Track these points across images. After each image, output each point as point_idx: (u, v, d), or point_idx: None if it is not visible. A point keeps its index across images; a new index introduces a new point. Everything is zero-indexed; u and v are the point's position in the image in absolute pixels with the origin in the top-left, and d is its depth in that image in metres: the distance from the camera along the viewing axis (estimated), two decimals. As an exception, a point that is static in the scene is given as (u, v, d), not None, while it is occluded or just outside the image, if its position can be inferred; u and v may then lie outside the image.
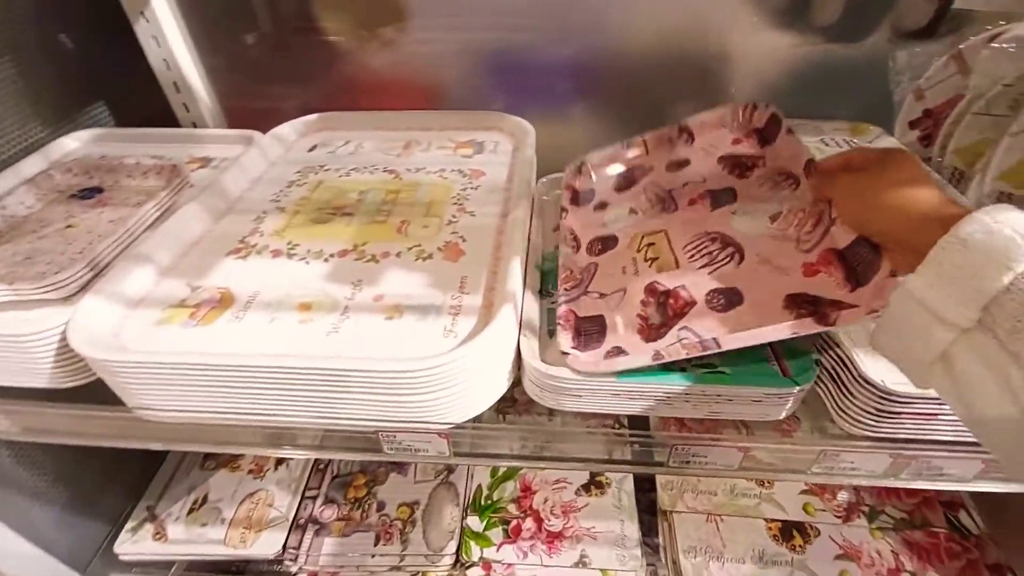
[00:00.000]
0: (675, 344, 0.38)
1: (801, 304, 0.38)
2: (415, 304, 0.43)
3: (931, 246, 0.29)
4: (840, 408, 0.41)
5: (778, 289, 0.39)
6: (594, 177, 0.59)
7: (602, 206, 0.56)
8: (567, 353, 0.40)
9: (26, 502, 0.67)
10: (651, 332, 0.41)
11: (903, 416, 0.39)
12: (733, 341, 0.37)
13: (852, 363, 0.40)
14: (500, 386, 0.42)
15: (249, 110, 0.76)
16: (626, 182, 0.58)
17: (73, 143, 0.68)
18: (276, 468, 0.80)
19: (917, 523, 0.74)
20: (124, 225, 0.49)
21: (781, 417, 0.41)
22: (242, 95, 0.75)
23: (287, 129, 0.68)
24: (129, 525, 0.74)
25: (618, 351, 0.40)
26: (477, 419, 0.40)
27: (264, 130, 0.68)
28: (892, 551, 0.71)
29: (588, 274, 0.48)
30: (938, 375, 0.30)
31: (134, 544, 0.73)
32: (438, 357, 0.36)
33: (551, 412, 0.46)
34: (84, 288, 0.45)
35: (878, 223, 0.35)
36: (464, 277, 0.46)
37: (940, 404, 0.38)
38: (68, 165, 0.59)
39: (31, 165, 0.63)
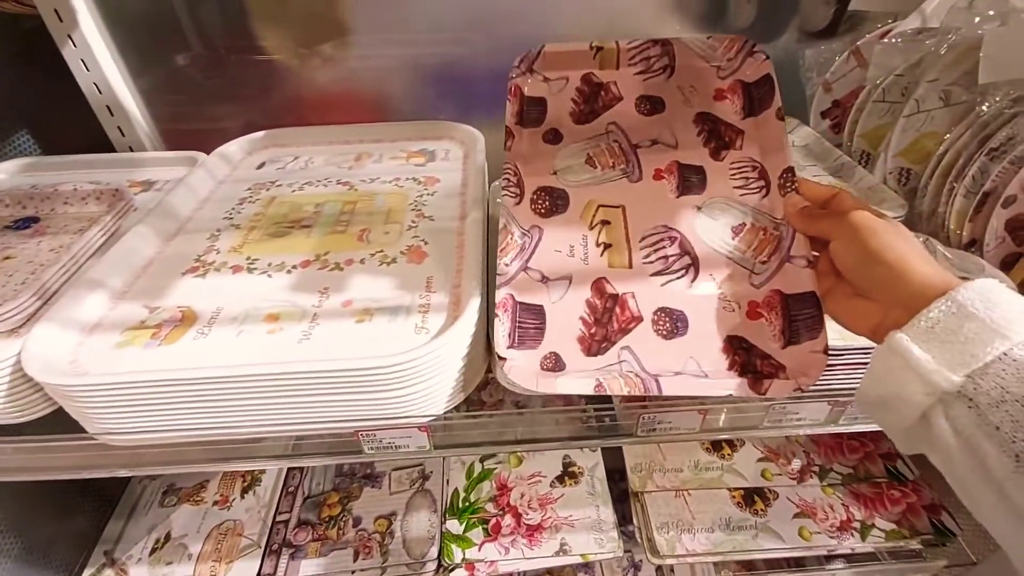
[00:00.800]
0: (617, 378, 0.37)
1: (737, 349, 0.39)
2: (384, 306, 0.44)
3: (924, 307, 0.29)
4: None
5: (721, 326, 0.40)
6: (550, 81, 0.50)
7: (555, 136, 0.49)
8: (503, 358, 0.38)
9: (-33, 561, 0.62)
10: (592, 344, 0.40)
11: (836, 367, 0.43)
12: (673, 389, 0.36)
13: (790, 325, 0.44)
14: (475, 377, 0.43)
15: (188, 131, 0.75)
16: (588, 109, 0.49)
17: (1, 174, 0.65)
18: (243, 496, 0.78)
19: (861, 476, 0.80)
20: (69, 252, 0.47)
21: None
22: (180, 117, 0.74)
23: (233, 147, 0.68)
24: (87, 573, 0.70)
25: (556, 359, 0.39)
26: (450, 414, 0.42)
27: (206, 151, 0.67)
28: (843, 504, 0.77)
29: (531, 240, 0.43)
30: (927, 449, 0.31)
31: (93, 593, 0.68)
32: (414, 351, 0.37)
33: (520, 408, 0.48)
34: (31, 319, 0.43)
35: (878, 277, 0.34)
36: (430, 277, 0.48)
37: (867, 355, 0.42)
38: (4, 197, 0.56)
39: (-47, 198, 0.59)
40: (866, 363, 0.39)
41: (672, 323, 0.40)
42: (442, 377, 0.39)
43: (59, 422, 0.42)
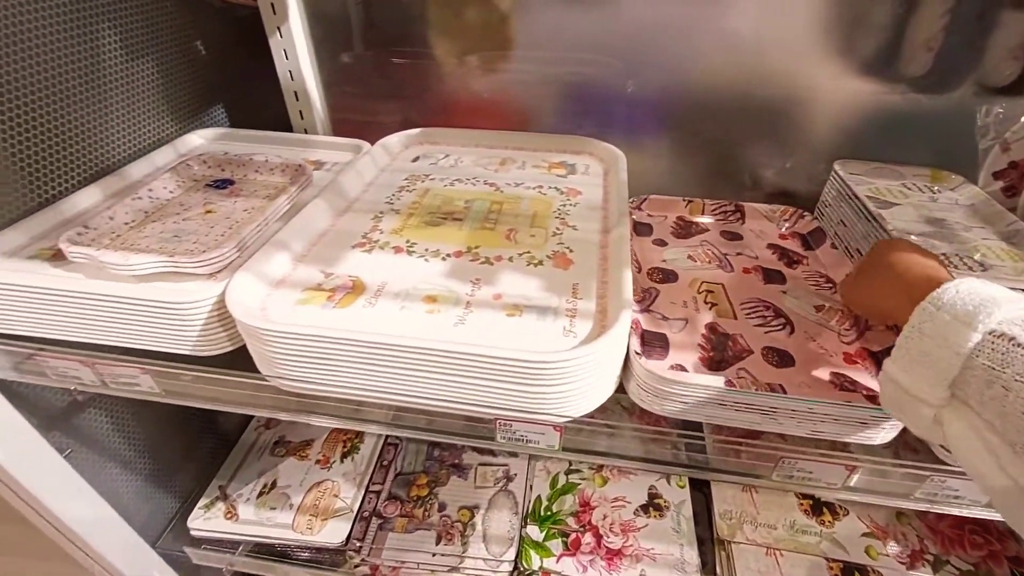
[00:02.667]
0: (745, 379, 0.44)
1: (843, 384, 0.44)
2: (533, 304, 0.46)
3: None
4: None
5: (824, 365, 0.46)
6: (653, 216, 0.69)
7: (660, 243, 0.64)
8: (638, 353, 0.44)
9: (115, 469, 0.71)
10: (712, 364, 0.46)
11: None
12: (801, 389, 0.43)
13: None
14: (610, 386, 0.44)
15: (352, 121, 0.82)
16: (683, 232, 0.66)
17: (198, 139, 0.75)
18: (342, 460, 0.83)
19: (983, 577, 0.72)
20: (262, 214, 0.54)
21: (885, 441, 0.42)
22: (348, 107, 0.81)
23: (394, 140, 0.74)
24: (202, 502, 0.78)
25: (681, 368, 0.45)
26: (585, 418, 0.43)
27: (367, 140, 0.74)
28: (958, 603, 0.69)
29: (650, 296, 0.54)
30: (940, 438, 0.33)
31: (206, 521, 0.75)
32: (569, 352, 0.39)
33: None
34: (227, 267, 0.49)
35: (887, 315, 0.40)
36: (576, 284, 0.49)
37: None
38: (203, 158, 0.65)
39: (163, 156, 0.69)
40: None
41: (780, 358, 0.47)
42: (588, 381, 0.41)
43: (234, 360, 0.48)
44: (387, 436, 0.88)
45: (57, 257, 0.51)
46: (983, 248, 0.59)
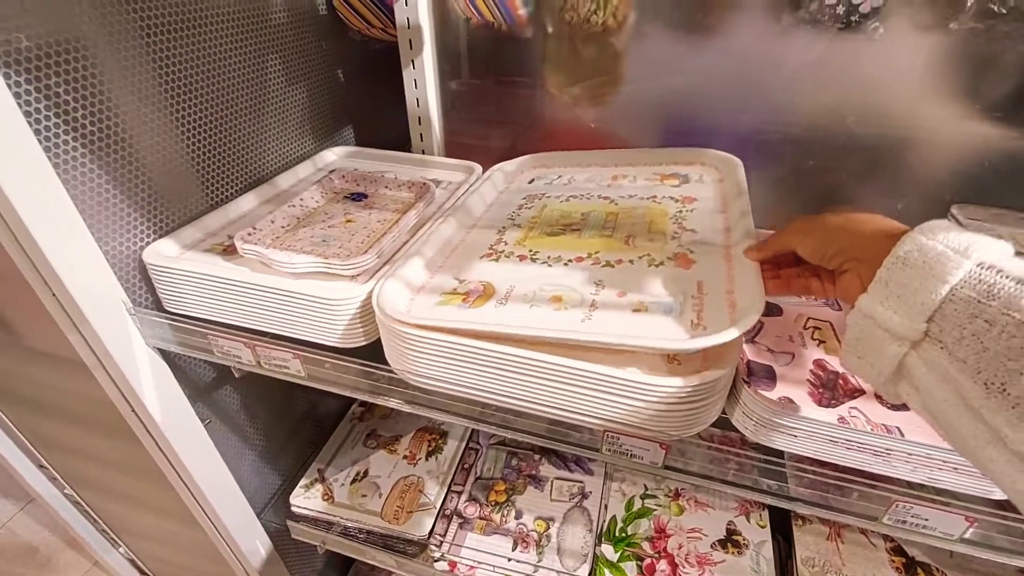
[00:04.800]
0: (858, 418, 0.43)
1: None
2: (657, 301, 0.48)
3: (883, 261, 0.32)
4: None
5: None
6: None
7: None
8: (746, 382, 0.44)
9: (239, 444, 0.80)
10: (822, 399, 0.45)
11: None
12: (917, 433, 0.41)
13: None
14: (714, 412, 0.46)
15: (465, 144, 0.90)
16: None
17: (332, 155, 0.84)
18: (427, 459, 0.88)
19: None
20: (396, 226, 0.60)
21: (1001, 497, 0.41)
22: (463, 132, 0.89)
23: (511, 165, 0.79)
24: (303, 482, 0.85)
25: (789, 402, 0.45)
26: (692, 440, 0.45)
27: (475, 161, 0.80)
28: None
29: (754, 328, 0.53)
30: (907, 391, 0.33)
31: (306, 499, 0.83)
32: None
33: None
34: (367, 270, 0.56)
35: (837, 243, 0.38)
36: (700, 282, 0.50)
37: None
38: (342, 173, 0.73)
39: (305, 169, 0.79)
40: None
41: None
42: (695, 406, 0.43)
43: (366, 354, 0.54)
44: (468, 440, 0.92)
45: (228, 252, 0.59)
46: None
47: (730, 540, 0.77)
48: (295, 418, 0.93)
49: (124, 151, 0.56)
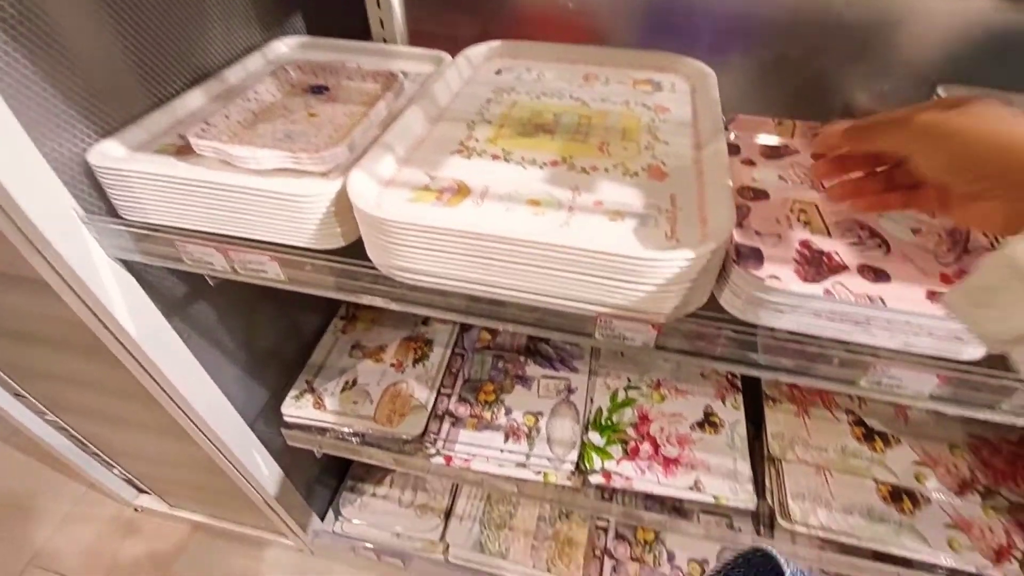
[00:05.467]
0: (844, 291, 0.44)
1: (939, 301, 0.43)
2: (633, 211, 0.48)
3: None
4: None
5: (921, 283, 0.46)
6: (741, 136, 0.67)
7: (749, 163, 0.62)
8: (735, 261, 0.45)
9: (221, 358, 0.79)
10: (807, 276, 0.47)
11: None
12: (898, 302, 0.43)
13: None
14: (705, 292, 0.46)
15: (430, 33, 0.82)
16: (773, 153, 0.64)
17: (284, 47, 0.76)
18: (414, 365, 0.89)
19: (1034, 509, 0.74)
20: (366, 119, 0.56)
21: (977, 356, 0.43)
22: (427, 19, 0.81)
23: (477, 51, 0.73)
24: (293, 393, 0.86)
25: (776, 279, 0.46)
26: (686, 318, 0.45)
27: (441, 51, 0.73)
28: (1004, 529, 0.72)
29: (742, 212, 0.54)
30: (1020, 355, 0.28)
31: (297, 408, 0.84)
32: (675, 251, 0.40)
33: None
34: (338, 167, 0.52)
35: (983, 164, 0.29)
36: (673, 194, 0.50)
37: None
38: (298, 64, 0.66)
39: (255, 62, 0.71)
40: None
41: (875, 274, 0.47)
42: (689, 282, 0.43)
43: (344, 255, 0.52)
44: (454, 346, 0.93)
45: (182, 152, 0.54)
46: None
47: (707, 421, 0.82)
48: (276, 333, 0.91)
49: (52, 41, 0.49)
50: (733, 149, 0.65)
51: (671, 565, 1.00)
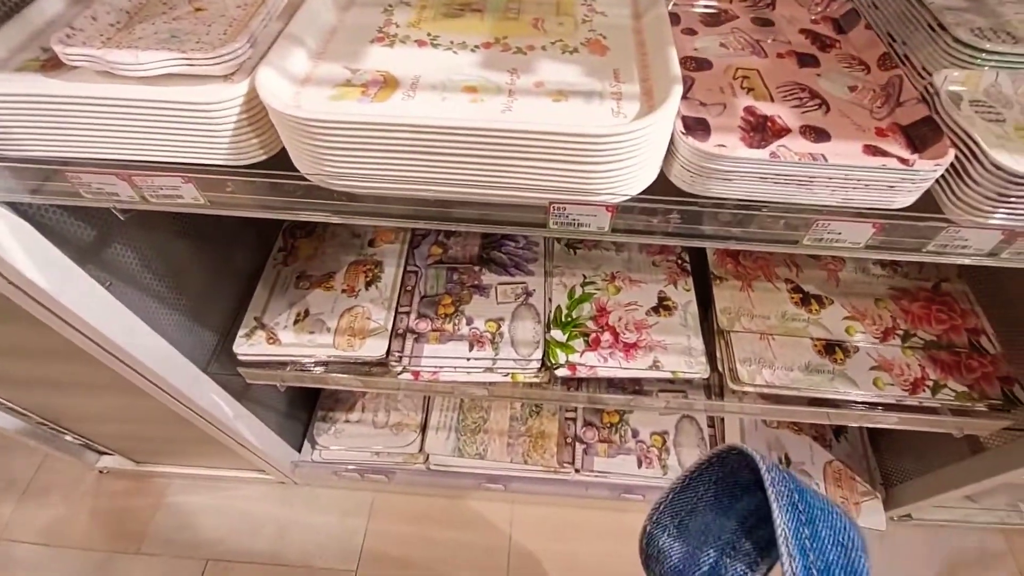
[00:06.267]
0: (787, 152, 0.45)
1: (876, 152, 0.46)
2: (577, 90, 0.45)
3: None
4: (958, 197, 0.45)
5: (858, 138, 0.48)
6: (679, 4, 0.65)
7: (690, 32, 0.61)
8: (683, 133, 0.44)
9: (153, 304, 0.73)
10: (753, 142, 0.47)
11: (1021, 199, 0.43)
12: (838, 159, 0.44)
13: (982, 152, 0.43)
14: (656, 168, 0.45)
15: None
16: (712, 20, 0.63)
17: (150, -68, 0.63)
18: (367, 288, 0.87)
19: (944, 345, 0.84)
20: (263, 8, 0.48)
21: (907, 203, 0.45)
22: None
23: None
24: (242, 331, 0.82)
25: (723, 147, 0.46)
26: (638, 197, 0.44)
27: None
28: (920, 365, 0.81)
29: (686, 84, 0.52)
30: None
31: (251, 346, 0.80)
32: (626, 125, 0.39)
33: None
34: (241, 67, 0.46)
35: None
36: (616, 69, 0.47)
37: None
38: (171, -52, 0.56)
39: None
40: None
41: (816, 134, 0.48)
42: (640, 159, 0.41)
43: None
44: (406, 264, 0.91)
45: (49, 67, 0.46)
46: (1015, 22, 0.58)
47: (661, 306, 0.86)
48: (211, 271, 0.85)
49: None
50: (673, 19, 0.62)
51: (636, 440, 1.09)
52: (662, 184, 0.46)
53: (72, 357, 0.67)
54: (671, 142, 0.45)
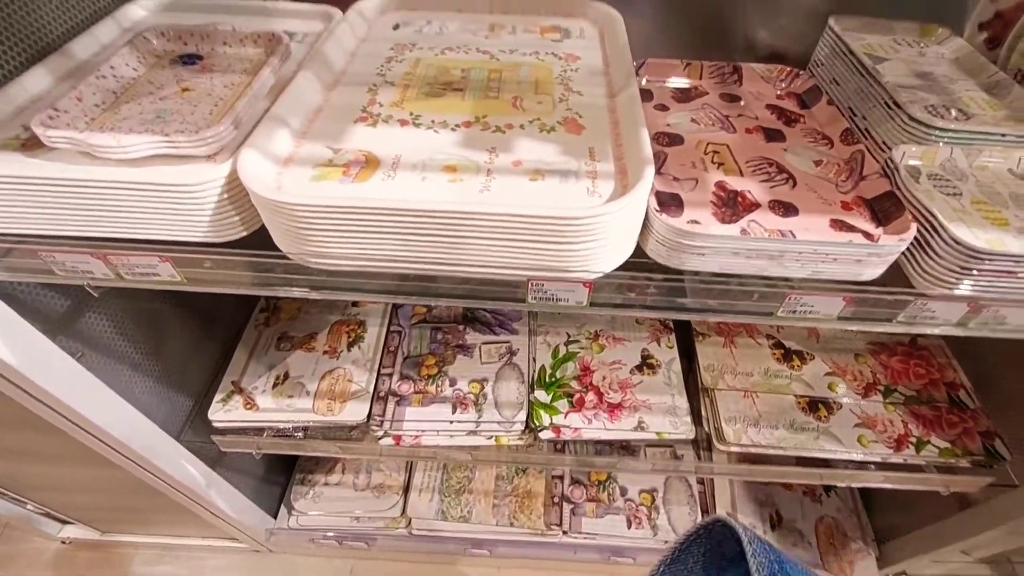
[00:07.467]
0: (757, 227, 0.46)
1: (842, 227, 0.48)
2: (553, 169, 0.47)
3: None
4: (923, 269, 0.47)
5: (824, 213, 0.50)
6: (652, 81, 0.68)
7: (663, 108, 0.64)
8: (657, 211, 0.45)
9: (127, 372, 0.71)
10: (724, 217, 0.49)
11: (982, 273, 0.45)
12: (806, 234, 0.46)
13: (942, 227, 0.45)
14: (631, 244, 0.46)
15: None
16: (684, 96, 0.66)
17: (140, 11, 0.66)
18: (349, 349, 0.86)
19: (924, 400, 0.84)
20: (249, 89, 0.49)
21: (875, 276, 0.47)
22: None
23: (369, 5, 0.67)
24: (218, 396, 0.80)
25: (696, 223, 0.47)
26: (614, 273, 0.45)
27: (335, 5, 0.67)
28: (903, 421, 0.81)
29: (659, 159, 0.55)
30: None
31: (227, 412, 0.78)
32: (600, 207, 0.40)
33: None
34: (224, 147, 0.46)
35: None
36: (591, 147, 0.49)
37: (1017, 263, 0.44)
38: (160, 30, 0.57)
39: (106, 30, 0.61)
40: (1011, 271, 0.43)
41: (785, 208, 0.50)
42: (615, 237, 0.42)
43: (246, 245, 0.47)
44: (389, 324, 0.90)
45: (29, 146, 0.46)
46: (966, 99, 0.62)
47: (645, 364, 0.86)
48: (189, 335, 0.84)
49: None
50: (646, 95, 0.65)
51: (624, 499, 1.06)
52: (640, 256, 0.47)
53: (35, 427, 0.64)
54: (646, 218, 0.46)
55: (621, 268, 0.45)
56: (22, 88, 0.51)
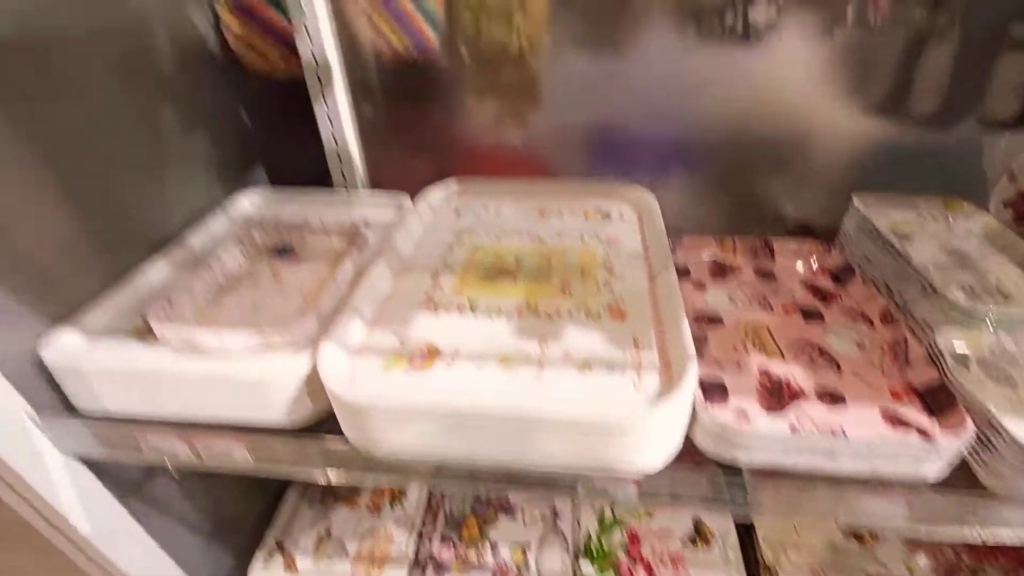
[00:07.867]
0: (808, 423, 0.46)
1: (895, 420, 0.47)
2: (600, 359, 0.50)
3: None
4: (988, 466, 0.45)
5: (874, 402, 0.49)
6: (688, 257, 0.71)
7: (700, 285, 0.67)
8: (704, 402, 0.46)
9: (179, 529, 0.73)
10: (771, 405, 0.49)
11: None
12: (858, 428, 0.46)
13: (1000, 425, 0.44)
14: (678, 438, 0.47)
15: (389, 174, 0.86)
16: (719, 271, 0.69)
17: (246, 201, 0.78)
18: (392, 507, 0.85)
19: (1020, 586, 0.75)
20: (332, 281, 0.57)
21: (935, 478, 0.45)
22: (386, 162, 0.86)
23: (436, 196, 0.77)
24: (260, 556, 0.79)
25: (743, 414, 0.48)
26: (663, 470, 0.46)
27: (402, 190, 0.78)
28: (997, 612, 0.72)
29: (700, 343, 0.56)
30: None
31: (266, 572, 0.77)
32: (649, 410, 0.42)
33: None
34: (307, 337, 0.52)
35: None
36: (635, 337, 0.52)
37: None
38: (263, 225, 0.68)
39: (218, 223, 0.73)
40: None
41: (832, 398, 0.50)
42: (662, 437, 0.44)
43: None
44: (432, 478, 0.90)
45: (144, 334, 0.54)
46: (1003, 277, 0.63)
47: (698, 533, 0.81)
48: (241, 492, 0.86)
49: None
50: (683, 272, 0.69)
51: None
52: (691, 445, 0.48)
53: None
54: (693, 408, 0.47)
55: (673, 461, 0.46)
56: (145, 279, 0.61)
